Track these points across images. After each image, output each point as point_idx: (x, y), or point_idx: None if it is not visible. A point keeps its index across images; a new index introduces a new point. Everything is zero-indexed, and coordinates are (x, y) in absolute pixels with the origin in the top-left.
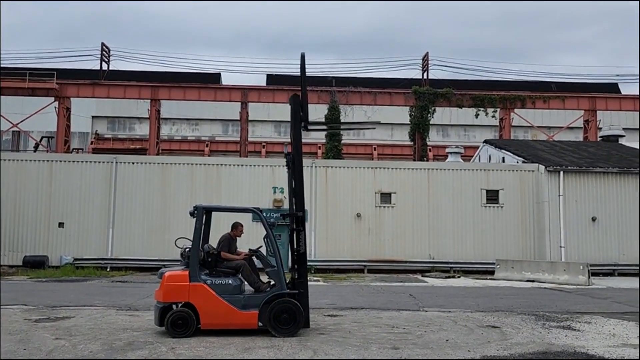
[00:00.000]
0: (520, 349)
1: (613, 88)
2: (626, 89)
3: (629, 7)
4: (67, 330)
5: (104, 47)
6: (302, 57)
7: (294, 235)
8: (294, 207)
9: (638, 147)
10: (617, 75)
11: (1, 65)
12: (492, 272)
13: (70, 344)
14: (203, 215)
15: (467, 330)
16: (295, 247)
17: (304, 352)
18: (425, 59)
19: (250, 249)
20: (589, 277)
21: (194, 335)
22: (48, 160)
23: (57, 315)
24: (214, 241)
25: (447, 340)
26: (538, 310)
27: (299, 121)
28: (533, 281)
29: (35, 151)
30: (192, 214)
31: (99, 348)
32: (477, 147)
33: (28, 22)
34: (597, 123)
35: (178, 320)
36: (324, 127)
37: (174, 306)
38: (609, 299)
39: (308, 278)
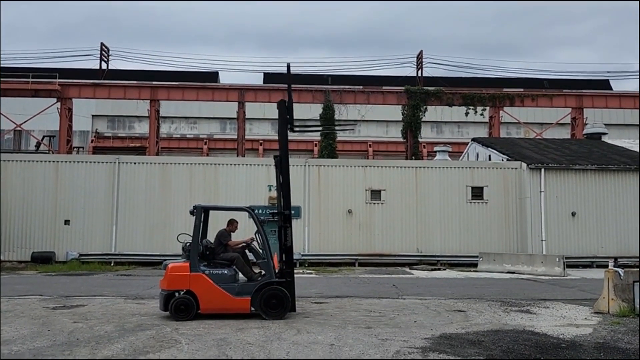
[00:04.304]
0: (476, 328)
1: (604, 85)
2: (618, 86)
3: (627, 3)
4: (82, 316)
5: (103, 47)
6: (288, 67)
7: (283, 231)
8: (282, 206)
9: (621, 145)
10: (608, 72)
11: (1, 66)
12: (476, 265)
13: (87, 326)
14: (202, 213)
15: (435, 314)
16: (283, 241)
17: (289, 331)
18: (420, 57)
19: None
20: (564, 269)
21: (194, 318)
22: (54, 161)
23: (71, 304)
24: (211, 236)
25: (415, 322)
26: (506, 298)
27: (286, 123)
28: (513, 272)
29: (37, 150)
30: (192, 213)
31: (113, 329)
32: None
33: (24, 22)
34: (584, 120)
35: (180, 306)
36: (308, 128)
37: (177, 293)
38: (575, 288)
39: (302, 271)
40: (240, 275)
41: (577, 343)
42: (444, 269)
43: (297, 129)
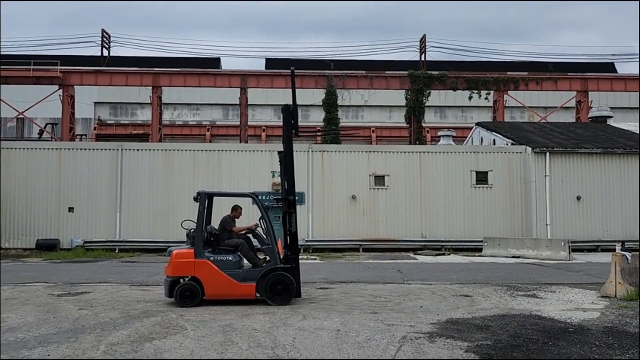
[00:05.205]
0: (483, 312)
1: (609, 68)
2: (623, 68)
3: None
4: (88, 303)
5: (104, 34)
6: (292, 72)
7: (287, 217)
8: (286, 192)
9: (627, 128)
10: (613, 54)
11: (2, 53)
12: (481, 250)
13: (93, 313)
14: (205, 200)
15: (441, 299)
16: (287, 227)
17: (295, 316)
18: (423, 41)
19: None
20: (569, 253)
21: (199, 305)
22: (56, 148)
23: (77, 291)
24: (215, 222)
25: (421, 307)
26: (512, 282)
27: (290, 128)
28: (518, 257)
29: (39, 138)
30: (195, 199)
31: (118, 315)
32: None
33: (24, 12)
34: (589, 103)
35: (185, 292)
36: (312, 134)
37: (182, 280)
38: (581, 272)
39: (306, 257)
40: (245, 261)
41: (584, 327)
42: (449, 254)
43: (302, 133)
